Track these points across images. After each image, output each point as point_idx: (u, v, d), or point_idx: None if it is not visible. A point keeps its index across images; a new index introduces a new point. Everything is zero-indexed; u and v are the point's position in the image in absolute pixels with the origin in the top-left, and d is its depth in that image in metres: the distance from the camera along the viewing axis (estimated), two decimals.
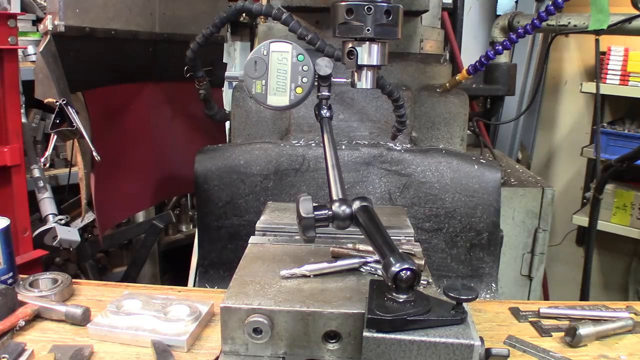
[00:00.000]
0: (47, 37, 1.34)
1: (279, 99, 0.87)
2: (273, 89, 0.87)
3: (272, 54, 0.87)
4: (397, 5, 0.94)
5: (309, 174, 1.32)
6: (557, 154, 3.49)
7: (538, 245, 1.86)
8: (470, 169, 1.31)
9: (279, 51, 0.87)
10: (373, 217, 0.69)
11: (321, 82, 0.88)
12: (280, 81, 0.87)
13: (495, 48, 1.32)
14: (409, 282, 0.63)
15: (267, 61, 0.87)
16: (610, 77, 2.86)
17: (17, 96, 1.56)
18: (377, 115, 1.38)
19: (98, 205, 1.64)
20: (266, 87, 0.87)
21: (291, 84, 0.87)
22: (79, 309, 0.97)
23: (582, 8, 2.12)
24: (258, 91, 0.87)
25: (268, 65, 0.87)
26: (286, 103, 0.88)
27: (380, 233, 0.70)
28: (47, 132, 2.56)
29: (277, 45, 0.88)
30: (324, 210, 0.70)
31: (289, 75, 0.87)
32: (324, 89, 0.89)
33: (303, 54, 0.87)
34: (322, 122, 0.88)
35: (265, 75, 0.87)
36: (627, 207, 2.93)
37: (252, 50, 0.90)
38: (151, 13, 1.67)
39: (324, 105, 0.89)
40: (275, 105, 0.87)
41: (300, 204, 0.68)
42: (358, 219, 0.70)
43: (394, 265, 0.63)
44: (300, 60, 0.88)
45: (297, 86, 0.87)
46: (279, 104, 0.87)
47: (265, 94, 0.87)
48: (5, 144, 1.53)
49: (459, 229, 1.31)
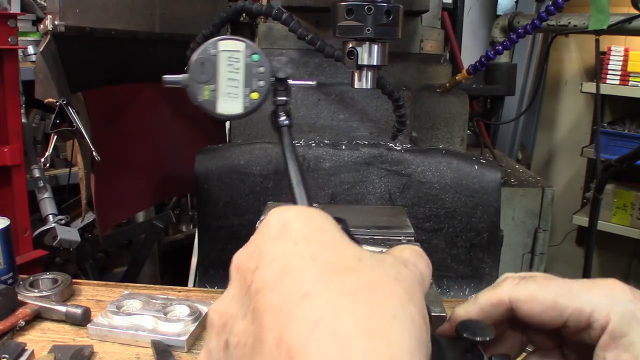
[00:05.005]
0: (47, 37, 1.34)
1: (230, 107, 0.74)
2: (223, 95, 0.73)
3: (221, 53, 0.73)
4: (397, 5, 0.94)
5: (309, 174, 1.32)
6: (557, 154, 3.49)
7: (538, 246, 1.86)
8: (470, 169, 1.31)
9: (230, 50, 0.73)
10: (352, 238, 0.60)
11: (278, 86, 0.75)
12: (231, 85, 0.74)
13: (496, 48, 1.32)
14: None
15: (216, 62, 0.73)
16: (610, 77, 2.86)
17: (17, 96, 1.56)
18: (377, 115, 1.38)
19: (98, 205, 1.64)
20: (215, 92, 0.73)
21: (245, 89, 0.74)
22: (79, 309, 0.97)
23: (582, 8, 2.12)
24: (206, 98, 0.73)
25: (217, 67, 0.73)
26: (239, 111, 0.74)
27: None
28: (47, 132, 2.56)
29: (227, 43, 0.73)
30: None
31: (242, 78, 0.74)
32: (281, 93, 0.76)
33: (258, 53, 0.73)
34: (281, 132, 0.74)
35: (214, 79, 0.73)
36: (627, 207, 2.93)
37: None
38: (151, 13, 1.67)
39: (281, 112, 0.76)
40: (227, 113, 0.74)
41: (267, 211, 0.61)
42: None
43: None
44: (255, 61, 0.73)
45: (252, 91, 0.74)
46: (230, 112, 0.74)
47: (214, 102, 0.73)
48: (5, 144, 1.53)
49: (459, 229, 1.31)
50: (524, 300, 0.46)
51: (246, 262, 0.34)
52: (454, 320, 0.48)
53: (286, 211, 0.37)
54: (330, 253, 0.33)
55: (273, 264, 0.33)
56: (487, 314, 0.47)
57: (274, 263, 0.33)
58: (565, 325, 0.44)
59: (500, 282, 0.48)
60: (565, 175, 3.48)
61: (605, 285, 0.44)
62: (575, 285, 0.45)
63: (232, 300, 0.34)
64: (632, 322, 0.42)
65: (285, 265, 0.32)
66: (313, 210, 0.38)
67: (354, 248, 0.35)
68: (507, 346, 0.50)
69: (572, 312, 0.44)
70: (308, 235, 0.34)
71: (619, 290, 0.44)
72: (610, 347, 0.42)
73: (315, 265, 0.32)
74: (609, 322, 0.42)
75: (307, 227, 0.35)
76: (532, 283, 0.46)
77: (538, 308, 0.45)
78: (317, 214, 0.37)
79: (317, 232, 0.35)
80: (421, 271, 0.37)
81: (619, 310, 0.42)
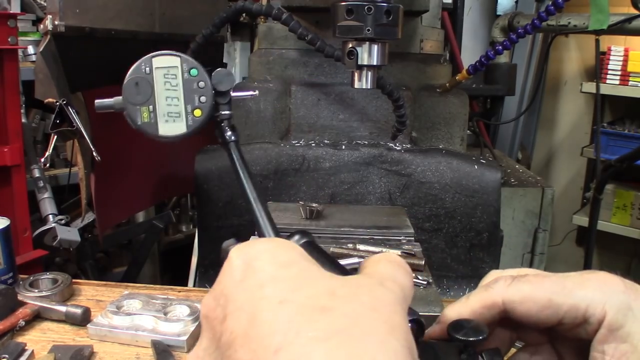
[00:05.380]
0: (47, 37, 1.34)
1: (173, 127, 0.69)
2: (164, 115, 0.68)
3: (155, 71, 0.69)
4: (397, 5, 0.94)
5: (308, 174, 1.32)
6: (557, 154, 3.49)
7: (538, 246, 1.86)
8: (470, 169, 1.31)
9: (165, 67, 0.69)
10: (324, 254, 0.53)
11: (219, 100, 0.70)
12: (171, 104, 0.69)
13: (496, 48, 1.32)
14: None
15: (152, 81, 0.68)
16: (610, 77, 2.86)
17: (17, 96, 1.56)
18: (377, 115, 1.38)
19: (98, 205, 1.64)
20: (154, 114, 0.68)
21: (186, 107, 0.69)
22: (79, 309, 0.97)
23: (582, 8, 2.12)
24: (145, 121, 0.68)
25: (153, 86, 0.68)
26: (183, 130, 0.69)
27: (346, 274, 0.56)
28: (47, 132, 2.56)
29: (162, 59, 0.69)
30: None
31: (181, 95, 0.68)
32: (224, 107, 0.71)
33: (196, 67, 0.69)
34: (229, 148, 0.70)
35: (152, 100, 0.68)
36: (627, 207, 2.93)
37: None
38: (151, 13, 1.67)
39: (226, 127, 0.71)
40: (171, 135, 0.69)
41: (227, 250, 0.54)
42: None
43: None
44: (194, 76, 0.69)
45: (195, 108, 0.69)
46: (173, 132, 0.69)
47: (155, 124, 0.68)
48: (5, 144, 1.53)
49: (459, 229, 1.31)
50: (519, 301, 0.45)
51: (214, 310, 0.33)
52: (444, 322, 0.47)
53: (249, 248, 0.35)
54: (300, 291, 0.31)
55: (240, 313, 0.31)
56: (479, 316, 0.47)
57: (241, 312, 0.31)
58: (561, 322, 0.44)
59: (492, 282, 0.48)
60: (565, 175, 3.48)
61: (598, 279, 0.44)
62: (568, 282, 0.45)
63: (205, 354, 0.33)
64: (628, 313, 0.42)
65: (253, 313, 0.30)
66: (277, 243, 0.36)
67: (325, 279, 0.33)
68: (496, 343, 0.49)
69: (568, 310, 0.44)
70: (274, 274, 0.32)
71: (611, 283, 0.44)
72: (609, 340, 0.42)
73: (285, 310, 0.30)
74: (605, 315, 0.42)
75: (273, 265, 0.33)
76: (525, 283, 0.46)
77: (534, 308, 0.45)
78: (282, 246, 0.35)
79: (284, 268, 0.33)
80: (401, 284, 0.35)
81: (614, 303, 0.42)
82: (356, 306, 0.30)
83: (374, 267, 0.36)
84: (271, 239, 0.39)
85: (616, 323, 0.42)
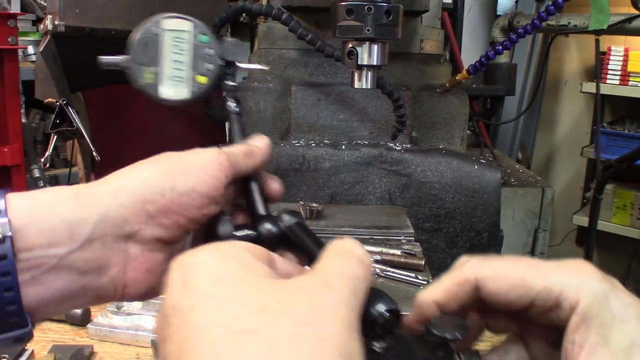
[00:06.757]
0: (47, 37, 1.34)
1: (175, 91, 0.66)
2: (168, 79, 0.66)
3: (165, 33, 0.66)
4: (397, 5, 0.94)
5: (309, 174, 1.32)
6: (557, 154, 3.49)
7: (538, 246, 1.86)
8: (470, 169, 1.31)
9: (175, 30, 0.66)
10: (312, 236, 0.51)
11: (227, 70, 0.67)
12: (177, 68, 0.66)
13: (496, 48, 1.32)
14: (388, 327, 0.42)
15: (160, 42, 0.66)
16: (610, 77, 2.86)
17: (17, 96, 1.56)
18: (377, 115, 1.38)
19: None
20: (159, 76, 0.66)
21: (192, 72, 0.66)
22: (79, 308, 0.97)
23: (582, 8, 2.12)
24: (148, 81, 0.66)
25: (161, 47, 0.66)
26: (186, 96, 0.66)
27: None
28: (47, 132, 2.57)
29: (173, 22, 0.66)
30: (246, 231, 0.53)
31: (188, 60, 0.66)
32: (230, 77, 0.68)
33: (207, 34, 0.66)
34: (230, 119, 0.67)
35: (157, 61, 0.66)
36: (627, 207, 2.93)
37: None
38: (151, 13, 1.67)
39: (230, 98, 0.68)
40: (172, 98, 0.66)
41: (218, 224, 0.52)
42: (292, 240, 0.52)
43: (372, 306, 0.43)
44: (204, 42, 0.66)
45: (200, 74, 0.66)
46: (175, 96, 0.66)
47: (157, 85, 0.66)
48: (5, 144, 1.53)
49: (459, 229, 1.31)
50: (490, 277, 0.44)
51: (160, 329, 0.32)
52: (418, 306, 0.46)
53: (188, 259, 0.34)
54: (227, 312, 0.30)
55: (174, 339, 0.30)
56: (452, 294, 0.45)
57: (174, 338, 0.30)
58: (533, 304, 0.43)
59: (464, 262, 0.47)
60: (565, 175, 3.48)
61: (575, 266, 0.43)
62: (544, 265, 0.44)
63: None
64: (603, 302, 0.40)
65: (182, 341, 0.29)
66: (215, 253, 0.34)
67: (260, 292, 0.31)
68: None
69: (540, 291, 0.42)
70: (205, 292, 0.31)
71: (588, 270, 0.43)
72: (580, 329, 0.40)
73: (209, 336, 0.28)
74: (579, 302, 0.41)
75: (206, 280, 0.32)
76: (498, 261, 0.45)
77: (504, 286, 0.43)
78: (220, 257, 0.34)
79: (216, 284, 0.31)
80: (351, 276, 0.33)
81: (589, 291, 0.41)
82: (285, 323, 0.29)
83: (323, 261, 0.35)
84: (212, 246, 0.36)
85: (590, 311, 0.40)
